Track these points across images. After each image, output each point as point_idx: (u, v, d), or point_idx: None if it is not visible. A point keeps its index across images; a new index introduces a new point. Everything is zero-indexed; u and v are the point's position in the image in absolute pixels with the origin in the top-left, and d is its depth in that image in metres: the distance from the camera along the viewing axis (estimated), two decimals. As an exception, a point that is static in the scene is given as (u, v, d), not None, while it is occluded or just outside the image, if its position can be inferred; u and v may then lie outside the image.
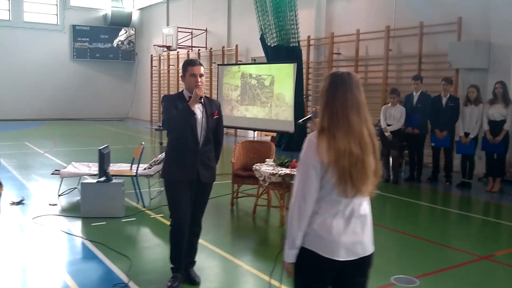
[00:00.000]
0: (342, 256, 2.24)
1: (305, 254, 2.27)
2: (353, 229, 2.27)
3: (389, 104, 8.91)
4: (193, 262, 4.30)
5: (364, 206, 2.34)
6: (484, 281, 4.49)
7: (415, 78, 9.09)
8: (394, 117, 8.78)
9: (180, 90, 4.18)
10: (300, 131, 12.94)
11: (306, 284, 2.33)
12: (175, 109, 3.80)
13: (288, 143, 12.89)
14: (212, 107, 4.03)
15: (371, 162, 2.25)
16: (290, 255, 2.28)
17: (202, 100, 3.87)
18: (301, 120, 9.62)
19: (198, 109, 3.88)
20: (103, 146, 6.37)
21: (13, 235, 5.56)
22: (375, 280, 4.33)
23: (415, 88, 8.95)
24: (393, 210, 7.36)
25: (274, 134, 13.22)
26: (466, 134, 8.34)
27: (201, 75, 3.89)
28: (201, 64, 3.96)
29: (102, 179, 6.20)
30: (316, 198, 2.24)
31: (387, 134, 8.76)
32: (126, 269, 4.43)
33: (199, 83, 3.85)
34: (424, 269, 4.61)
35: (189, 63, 3.93)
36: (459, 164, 8.73)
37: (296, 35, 12.80)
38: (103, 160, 6.16)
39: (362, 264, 2.33)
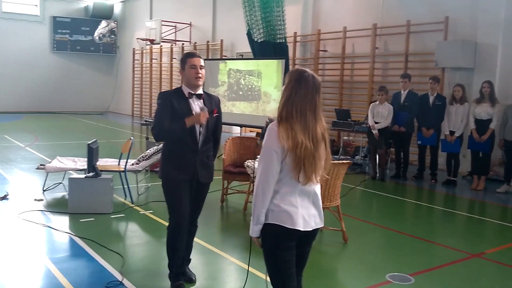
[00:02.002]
0: (301, 226, 2.56)
1: (271, 228, 2.57)
2: (307, 205, 2.62)
3: (377, 102, 8.94)
4: (188, 260, 4.21)
5: (316, 187, 2.67)
6: (477, 278, 4.54)
7: (403, 76, 9.14)
8: (381, 115, 8.82)
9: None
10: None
11: (275, 254, 2.60)
12: (170, 111, 3.66)
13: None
14: (212, 104, 3.87)
15: (321, 156, 2.59)
16: (255, 230, 2.59)
17: (202, 98, 3.77)
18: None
19: (198, 106, 3.76)
20: (92, 141, 6.25)
21: (0, 232, 5.42)
22: (370, 278, 4.36)
23: (403, 87, 9.00)
24: (381, 207, 7.40)
25: (259, 130, 13.18)
26: (452, 133, 8.43)
27: (201, 67, 3.75)
28: (200, 56, 3.83)
29: (91, 174, 6.07)
30: (276, 179, 2.54)
31: (374, 132, 8.79)
32: (119, 267, 4.34)
33: (200, 75, 3.72)
34: (418, 266, 4.64)
35: (188, 55, 3.80)
36: (444, 162, 8.84)
37: (283, 31, 12.74)
38: (92, 155, 6.03)
39: (312, 236, 2.68)
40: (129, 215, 6.12)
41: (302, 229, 2.56)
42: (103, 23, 23.45)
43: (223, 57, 15.71)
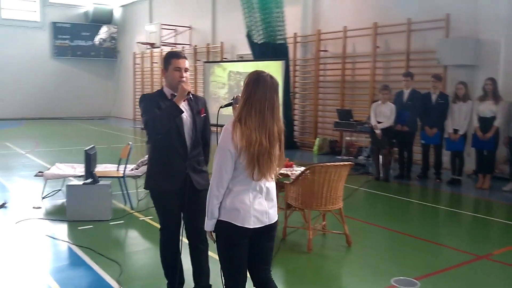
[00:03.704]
0: (252, 224, 2.69)
1: (222, 225, 2.71)
2: (260, 202, 2.73)
3: (379, 101, 8.82)
4: (207, 287, 3.75)
5: (270, 184, 2.79)
6: (485, 280, 4.42)
7: (405, 75, 9.02)
8: (384, 114, 8.70)
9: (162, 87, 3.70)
10: (289, 129, 12.84)
11: (227, 250, 2.75)
12: (157, 109, 3.37)
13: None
14: (198, 104, 3.59)
15: (276, 153, 2.70)
16: (209, 225, 2.75)
17: (190, 96, 3.48)
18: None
19: (183, 107, 3.44)
20: (89, 147, 6.16)
21: (-4, 240, 5.32)
22: (375, 282, 4.25)
23: (406, 85, 8.88)
24: (385, 208, 7.27)
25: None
26: (455, 131, 8.31)
27: (186, 70, 3.47)
28: (185, 57, 3.52)
29: (89, 181, 5.98)
30: (230, 177, 2.67)
31: (377, 131, 8.67)
32: (116, 276, 4.24)
33: (184, 78, 3.45)
34: (424, 269, 4.52)
35: (173, 55, 3.49)
36: (449, 161, 8.71)
37: (283, 32, 12.66)
38: (90, 161, 5.94)
39: (269, 230, 2.80)
40: (129, 221, 6.02)
41: (251, 227, 2.68)
42: (104, 28, 23.40)
43: (224, 60, 15.64)
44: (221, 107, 3.22)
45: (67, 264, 4.68)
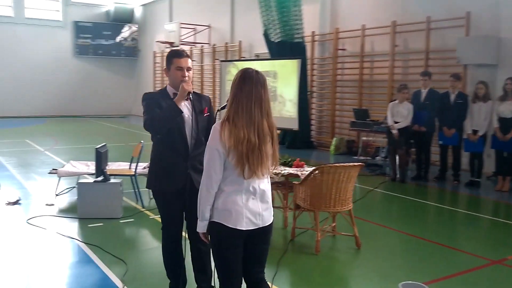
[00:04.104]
0: (244, 226, 2.63)
1: (215, 226, 2.67)
2: (254, 203, 2.67)
3: (397, 101, 8.67)
4: (210, 286, 3.66)
5: (264, 183, 2.73)
6: (496, 286, 4.28)
7: (423, 74, 8.85)
8: (401, 114, 8.54)
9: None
10: (306, 129, 12.76)
11: (221, 251, 2.71)
12: (158, 108, 3.35)
13: (292, 141, 12.67)
14: (202, 103, 3.52)
15: (268, 149, 2.64)
16: (201, 226, 2.71)
17: (190, 96, 3.42)
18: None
19: (185, 107, 3.42)
20: (101, 145, 6.19)
21: (6, 237, 5.38)
22: (382, 286, 4.15)
23: (424, 85, 8.71)
24: (400, 210, 7.14)
25: (278, 131, 13.04)
26: (475, 132, 8.10)
27: (188, 69, 3.43)
28: (188, 56, 3.49)
29: (100, 178, 6.01)
30: (220, 177, 2.63)
31: (394, 132, 8.52)
32: (121, 274, 4.23)
33: (186, 78, 3.42)
34: (434, 274, 4.40)
35: (175, 55, 3.45)
36: (468, 162, 8.51)
37: (300, 31, 12.56)
38: (100, 159, 5.97)
39: (263, 233, 2.73)
40: (139, 220, 6.03)
41: (244, 229, 2.63)
42: (126, 27, 23.64)
43: (241, 58, 15.61)
44: (218, 110, 3.19)
45: (73, 262, 4.69)
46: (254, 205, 2.67)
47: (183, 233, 3.66)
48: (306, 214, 5.41)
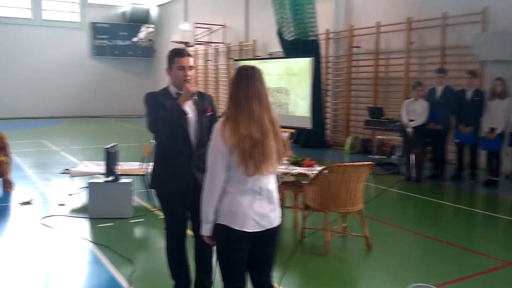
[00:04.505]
0: (250, 228, 2.56)
1: (220, 229, 2.60)
2: (260, 204, 2.59)
3: (411, 99, 8.52)
4: (210, 283, 3.61)
5: (271, 183, 2.65)
6: (511, 289, 4.15)
7: (438, 71, 8.68)
8: (416, 112, 8.39)
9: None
10: (320, 128, 12.65)
11: (226, 254, 2.65)
12: (162, 109, 3.32)
13: (307, 140, 12.57)
14: (205, 102, 3.51)
15: (271, 145, 2.56)
16: (205, 229, 2.64)
17: (196, 98, 3.40)
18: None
19: (189, 107, 3.39)
20: (111, 145, 6.19)
21: (18, 236, 5.42)
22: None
23: (439, 82, 8.55)
24: (415, 210, 7.01)
25: (292, 130, 12.94)
26: (492, 130, 7.92)
27: (190, 68, 3.39)
28: (190, 55, 3.45)
29: (110, 178, 6.02)
30: (223, 178, 2.56)
31: (408, 130, 8.38)
32: (128, 275, 4.22)
33: (189, 77, 3.38)
34: (446, 276, 4.28)
35: (176, 54, 3.42)
36: (485, 161, 8.32)
37: (314, 29, 12.45)
38: (110, 159, 5.97)
39: (270, 235, 2.66)
40: (149, 220, 6.02)
41: (251, 231, 2.57)
42: (141, 28, 23.79)
43: (256, 57, 15.55)
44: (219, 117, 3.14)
45: (81, 262, 4.68)
46: (260, 206, 2.60)
47: (188, 233, 3.64)
48: (316, 214, 5.33)
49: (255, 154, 2.51)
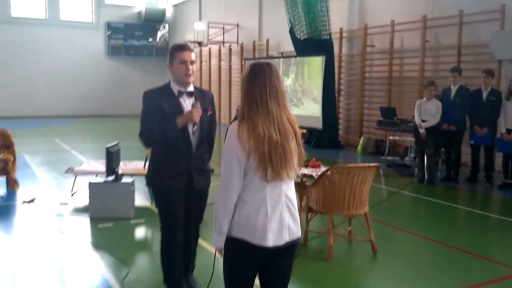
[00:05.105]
0: (271, 242, 2.30)
1: (236, 243, 2.33)
2: (279, 215, 2.33)
3: (424, 99, 8.26)
4: (192, 268, 3.82)
5: (290, 190, 2.40)
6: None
7: (453, 70, 8.40)
8: (429, 112, 8.13)
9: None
10: (333, 128, 12.42)
11: (237, 268, 2.37)
12: (158, 113, 3.27)
13: (318, 140, 12.35)
14: (205, 101, 3.44)
15: (291, 147, 2.32)
16: (218, 241, 2.37)
17: (194, 96, 3.36)
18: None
19: (189, 105, 3.34)
20: (112, 144, 6.08)
21: (18, 236, 5.34)
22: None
23: (453, 82, 8.27)
24: (426, 214, 6.76)
25: (304, 131, 12.73)
26: (509, 131, 7.63)
27: (192, 62, 3.32)
28: (191, 49, 3.38)
29: (110, 178, 5.90)
30: (240, 185, 2.30)
31: (421, 131, 8.12)
32: (122, 277, 4.08)
33: (190, 72, 3.30)
34: (452, 284, 4.07)
35: (178, 48, 3.34)
36: (501, 163, 8.02)
37: (327, 27, 12.23)
38: (111, 158, 5.85)
39: (289, 248, 2.39)
40: (150, 220, 5.88)
41: (271, 246, 2.30)
42: (156, 27, 23.80)
43: (269, 57, 15.38)
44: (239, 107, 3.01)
45: (76, 263, 4.56)
46: (281, 216, 2.34)
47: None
48: (321, 217, 5.14)
49: (275, 157, 2.26)
